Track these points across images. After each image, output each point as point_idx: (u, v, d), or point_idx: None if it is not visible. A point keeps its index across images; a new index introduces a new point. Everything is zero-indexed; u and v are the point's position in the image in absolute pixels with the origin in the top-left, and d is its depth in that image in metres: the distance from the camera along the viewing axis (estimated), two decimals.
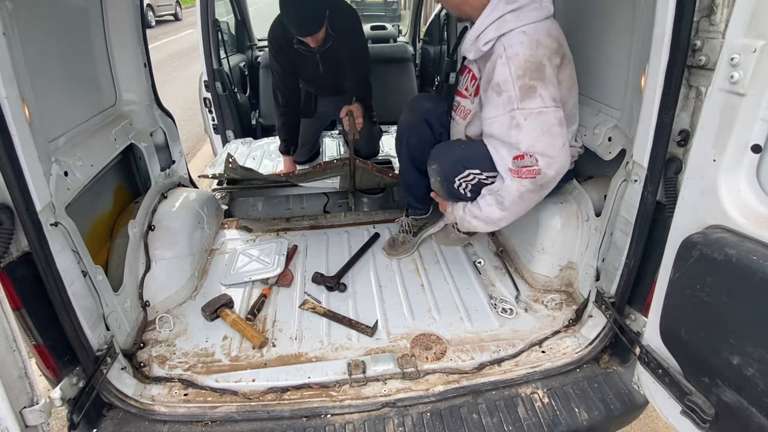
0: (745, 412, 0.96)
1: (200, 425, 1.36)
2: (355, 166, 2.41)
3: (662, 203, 1.28)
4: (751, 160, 0.95)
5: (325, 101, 2.95)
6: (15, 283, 1.12)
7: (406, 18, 6.71)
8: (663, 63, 1.15)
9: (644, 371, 1.30)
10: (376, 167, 2.42)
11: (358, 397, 1.44)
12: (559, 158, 1.45)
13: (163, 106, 2.27)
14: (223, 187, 2.81)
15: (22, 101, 1.15)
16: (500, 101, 1.46)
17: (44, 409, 1.12)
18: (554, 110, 1.43)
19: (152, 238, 1.90)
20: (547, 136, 1.43)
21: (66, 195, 1.39)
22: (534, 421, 1.36)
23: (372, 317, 1.77)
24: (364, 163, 2.38)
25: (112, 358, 1.41)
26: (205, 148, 5.31)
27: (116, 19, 1.88)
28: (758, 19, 0.89)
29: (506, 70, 1.42)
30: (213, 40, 3.14)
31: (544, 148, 1.43)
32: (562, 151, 1.46)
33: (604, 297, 1.52)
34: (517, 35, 1.42)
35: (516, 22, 1.43)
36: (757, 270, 0.88)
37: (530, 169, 1.45)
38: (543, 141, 1.43)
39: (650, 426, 1.98)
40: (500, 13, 1.44)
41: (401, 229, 2.27)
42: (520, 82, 1.41)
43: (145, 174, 2.10)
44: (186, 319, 1.81)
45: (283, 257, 2.12)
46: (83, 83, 1.75)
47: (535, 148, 1.43)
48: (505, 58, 1.42)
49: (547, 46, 1.42)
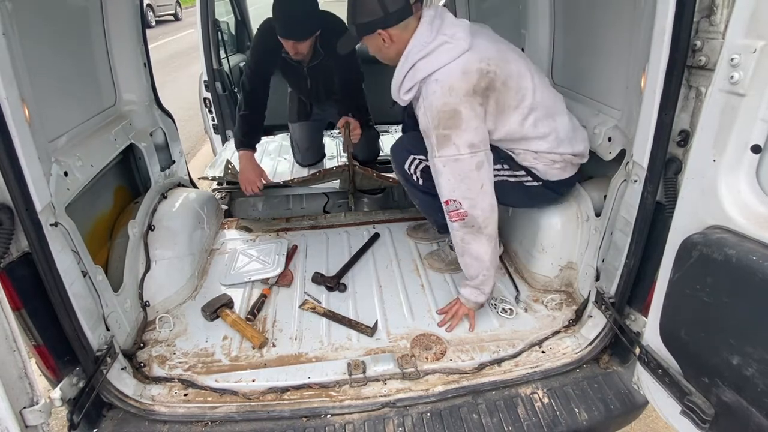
0: (745, 412, 0.96)
1: (200, 425, 1.36)
2: (355, 172, 2.41)
3: (662, 203, 1.28)
4: (751, 160, 0.95)
5: (320, 106, 2.93)
6: (15, 283, 1.12)
7: None
8: (663, 63, 1.15)
9: (644, 371, 1.30)
10: (375, 173, 2.42)
11: (358, 397, 1.44)
12: (479, 198, 1.51)
13: (163, 106, 2.27)
14: (223, 187, 2.81)
15: (22, 101, 1.15)
16: (428, 147, 1.54)
17: (44, 409, 1.12)
18: (469, 156, 1.46)
19: (152, 238, 1.90)
20: (465, 181, 1.49)
21: (66, 195, 1.39)
22: (534, 421, 1.36)
23: (372, 317, 1.77)
24: (363, 170, 2.38)
25: (112, 358, 1.41)
26: (205, 148, 5.31)
27: (116, 19, 1.88)
28: (758, 19, 0.89)
29: (426, 120, 1.47)
30: (213, 40, 3.15)
31: (464, 192, 1.50)
32: (482, 192, 1.51)
33: (604, 297, 1.52)
34: (432, 84, 1.44)
35: (428, 68, 1.44)
36: (757, 270, 0.88)
37: (457, 212, 1.54)
38: (461, 186, 1.50)
39: (650, 426, 1.98)
40: (411, 62, 1.47)
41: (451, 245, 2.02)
42: (436, 132, 1.45)
43: (145, 174, 2.10)
44: (186, 319, 1.81)
45: (283, 257, 2.12)
46: (83, 83, 1.75)
47: (455, 193, 1.51)
48: (423, 108, 1.47)
49: (462, 89, 1.42)
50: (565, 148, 1.64)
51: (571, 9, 1.93)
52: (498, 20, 2.62)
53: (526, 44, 2.21)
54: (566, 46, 2.02)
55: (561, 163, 1.67)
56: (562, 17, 2.00)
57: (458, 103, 1.42)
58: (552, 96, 1.64)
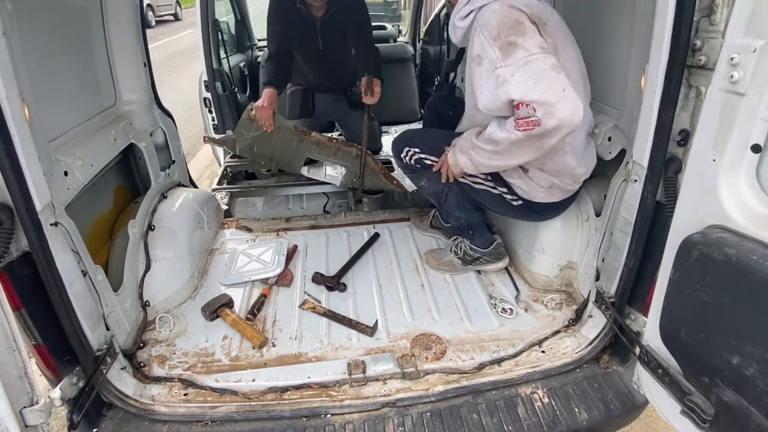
0: (745, 412, 0.96)
1: (200, 425, 1.36)
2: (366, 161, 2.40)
3: (662, 203, 1.28)
4: (751, 160, 0.95)
5: (322, 99, 2.92)
6: (15, 283, 1.12)
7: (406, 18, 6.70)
8: (663, 63, 1.15)
9: (644, 371, 1.30)
10: (384, 170, 2.41)
11: (358, 397, 1.44)
12: (560, 105, 1.25)
13: (163, 105, 2.27)
14: (223, 187, 2.81)
15: (22, 101, 1.15)
16: (483, 70, 1.38)
17: (44, 409, 1.12)
18: (543, 56, 1.29)
19: (152, 238, 1.90)
20: (542, 82, 1.26)
21: (66, 195, 1.39)
22: (534, 421, 1.36)
23: (372, 317, 1.77)
24: (374, 162, 2.38)
25: (112, 358, 1.41)
26: (205, 148, 5.30)
27: (116, 19, 1.88)
28: (758, 18, 0.89)
29: (481, 38, 1.36)
30: (213, 40, 3.14)
31: (540, 96, 1.26)
32: (564, 96, 1.26)
33: (604, 297, 1.52)
34: (489, 7, 1.39)
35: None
36: (757, 270, 0.88)
37: (527, 120, 1.29)
38: (537, 88, 1.26)
39: (650, 426, 1.98)
40: None
41: (453, 249, 2.04)
42: (498, 42, 1.32)
43: (145, 174, 2.10)
44: (186, 319, 1.81)
45: (283, 257, 2.12)
46: (83, 83, 1.75)
47: (528, 96, 1.27)
48: (479, 29, 1.38)
49: (522, 10, 1.35)
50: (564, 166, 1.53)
51: (570, 9, 1.93)
52: None
53: None
54: None
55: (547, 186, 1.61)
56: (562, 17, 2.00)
57: (520, 15, 1.34)
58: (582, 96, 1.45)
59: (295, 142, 2.51)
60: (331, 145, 2.46)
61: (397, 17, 7.45)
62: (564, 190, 1.67)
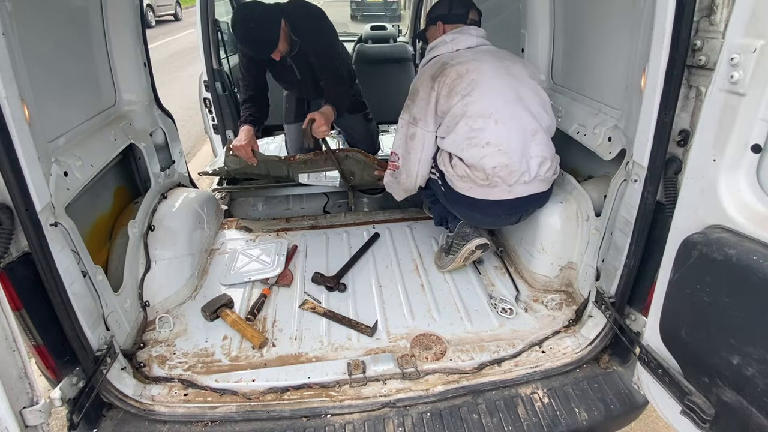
0: (745, 412, 0.96)
1: (200, 425, 1.36)
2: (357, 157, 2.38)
3: (662, 203, 1.28)
4: (751, 160, 0.95)
5: (317, 104, 2.90)
6: (15, 283, 1.12)
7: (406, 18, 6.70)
8: (663, 63, 1.15)
9: (644, 371, 1.30)
10: (377, 160, 2.40)
11: (358, 397, 1.44)
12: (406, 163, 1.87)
13: (162, 106, 2.27)
14: (223, 187, 2.81)
15: (22, 101, 1.15)
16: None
17: (44, 409, 1.12)
18: (407, 125, 1.83)
19: (152, 238, 1.90)
20: (404, 143, 1.86)
21: (66, 195, 1.39)
22: (534, 421, 1.36)
23: (372, 317, 1.77)
24: (365, 155, 2.37)
25: (112, 358, 1.41)
26: (205, 149, 5.31)
27: (116, 19, 1.88)
28: (758, 18, 0.89)
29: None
30: (213, 40, 3.14)
31: (400, 151, 1.89)
32: (409, 158, 1.85)
33: (604, 297, 1.52)
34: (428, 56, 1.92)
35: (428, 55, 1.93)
36: (757, 270, 0.88)
37: (393, 163, 1.94)
38: (402, 146, 1.87)
39: (650, 426, 1.98)
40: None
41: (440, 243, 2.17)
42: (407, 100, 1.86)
43: (145, 174, 2.10)
44: (186, 319, 1.81)
45: (283, 257, 2.12)
46: (83, 83, 1.75)
47: (396, 149, 1.91)
48: None
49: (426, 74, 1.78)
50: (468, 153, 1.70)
51: (570, 9, 1.93)
52: (498, 20, 2.62)
53: (526, 44, 2.21)
54: (566, 46, 2.02)
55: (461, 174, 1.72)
56: (562, 17, 2.00)
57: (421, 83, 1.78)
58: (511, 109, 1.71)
59: (284, 166, 2.52)
60: (318, 159, 2.46)
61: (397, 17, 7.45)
62: (478, 185, 1.72)
